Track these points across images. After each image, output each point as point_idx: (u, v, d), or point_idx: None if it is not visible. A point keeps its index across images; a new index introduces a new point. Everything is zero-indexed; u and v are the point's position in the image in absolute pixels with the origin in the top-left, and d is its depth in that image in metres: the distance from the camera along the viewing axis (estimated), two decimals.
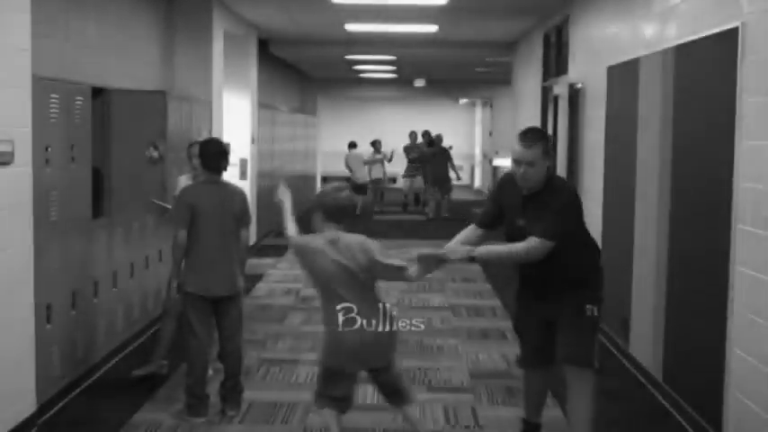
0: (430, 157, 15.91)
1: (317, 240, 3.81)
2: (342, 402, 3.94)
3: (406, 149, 16.97)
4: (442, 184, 15.67)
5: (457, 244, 4.15)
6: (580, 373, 3.98)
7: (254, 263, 6.91)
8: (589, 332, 3.99)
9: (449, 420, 4.85)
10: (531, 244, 3.85)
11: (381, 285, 3.94)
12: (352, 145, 16.81)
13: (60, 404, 4.99)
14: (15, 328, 4.41)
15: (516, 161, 3.91)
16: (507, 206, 4.10)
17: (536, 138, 3.94)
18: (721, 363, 4.37)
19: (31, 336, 4.58)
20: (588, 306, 3.97)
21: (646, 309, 5.64)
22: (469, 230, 4.27)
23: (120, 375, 5.60)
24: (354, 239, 3.80)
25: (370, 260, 3.75)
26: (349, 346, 3.75)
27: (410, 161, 16.82)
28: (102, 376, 5.59)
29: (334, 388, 3.89)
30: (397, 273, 3.81)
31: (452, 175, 15.97)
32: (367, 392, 5.27)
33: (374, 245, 3.84)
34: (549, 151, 3.97)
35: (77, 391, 5.25)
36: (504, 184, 4.20)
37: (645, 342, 5.66)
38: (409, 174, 16.86)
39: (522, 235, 3.93)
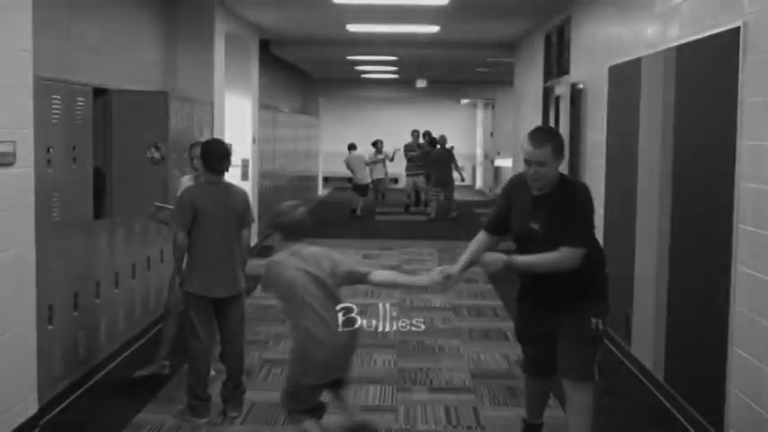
0: (434, 157, 15.91)
1: (280, 255, 3.81)
2: (319, 410, 3.92)
3: (407, 148, 17.00)
4: (446, 184, 15.67)
5: (491, 254, 3.90)
6: (580, 387, 3.88)
7: (255, 263, 6.85)
8: (592, 346, 3.88)
9: (450, 421, 4.85)
10: (564, 254, 3.72)
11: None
12: (352, 146, 16.85)
13: (62, 405, 4.99)
14: (17, 328, 4.41)
15: (527, 161, 3.79)
16: (517, 208, 3.97)
17: (546, 137, 3.83)
18: (723, 363, 4.37)
19: (32, 336, 4.58)
20: (593, 320, 3.85)
21: (647, 308, 5.64)
22: (481, 238, 4.13)
23: (122, 376, 5.61)
24: (316, 249, 3.83)
25: (335, 266, 3.76)
26: (321, 360, 3.71)
27: (409, 160, 16.84)
28: (104, 377, 5.59)
29: (307, 401, 3.85)
30: (360, 278, 3.83)
31: (456, 175, 15.98)
32: (368, 393, 5.28)
33: (336, 252, 3.88)
34: (561, 150, 3.83)
35: (79, 391, 5.25)
36: (513, 187, 4.07)
37: (646, 342, 5.66)
38: (411, 173, 16.88)
39: (532, 237, 3.83)
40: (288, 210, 3.88)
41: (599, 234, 5.96)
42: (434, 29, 11.65)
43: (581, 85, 8.09)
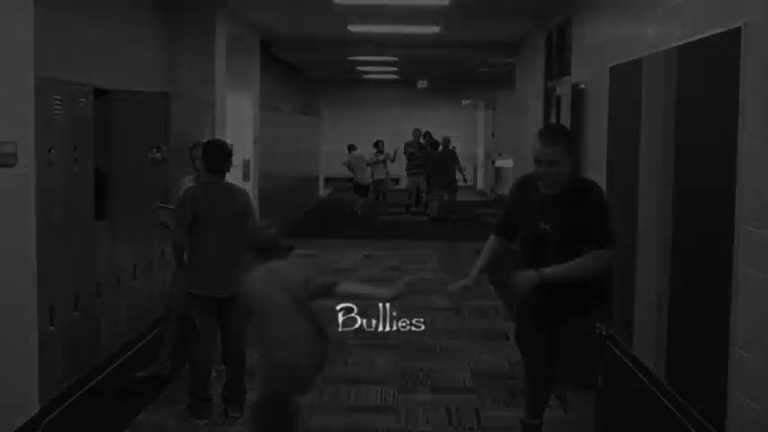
0: (438, 158, 15.91)
1: (253, 273, 3.81)
2: (293, 421, 3.75)
3: (407, 145, 17.03)
4: (449, 185, 15.68)
5: (522, 273, 3.77)
6: (582, 394, 3.80)
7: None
8: (595, 353, 3.78)
9: (452, 422, 4.84)
10: (594, 257, 3.64)
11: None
12: (352, 147, 16.87)
13: (63, 405, 4.99)
14: (18, 329, 4.42)
15: (537, 160, 3.70)
16: (525, 209, 3.88)
17: (557, 135, 3.75)
18: (724, 363, 4.37)
19: (34, 337, 4.59)
20: (598, 324, 3.75)
21: (649, 309, 5.64)
22: (492, 243, 4.07)
23: (123, 377, 5.60)
24: (288, 263, 3.83)
25: (307, 279, 3.76)
26: (292, 368, 3.62)
27: (409, 158, 16.87)
28: (106, 378, 5.59)
29: (279, 415, 3.70)
30: (329, 288, 3.82)
31: (459, 176, 16.00)
32: (369, 393, 5.28)
33: (306, 266, 3.88)
34: (571, 148, 3.74)
35: (81, 392, 5.25)
36: (520, 188, 3.98)
37: (648, 342, 5.66)
38: (412, 171, 16.91)
39: (543, 238, 3.74)
40: (258, 230, 3.89)
41: None
42: (435, 29, 11.66)
43: (582, 86, 8.09)
